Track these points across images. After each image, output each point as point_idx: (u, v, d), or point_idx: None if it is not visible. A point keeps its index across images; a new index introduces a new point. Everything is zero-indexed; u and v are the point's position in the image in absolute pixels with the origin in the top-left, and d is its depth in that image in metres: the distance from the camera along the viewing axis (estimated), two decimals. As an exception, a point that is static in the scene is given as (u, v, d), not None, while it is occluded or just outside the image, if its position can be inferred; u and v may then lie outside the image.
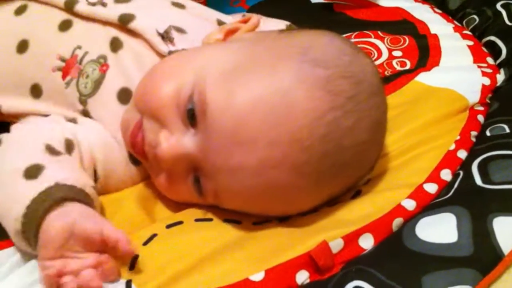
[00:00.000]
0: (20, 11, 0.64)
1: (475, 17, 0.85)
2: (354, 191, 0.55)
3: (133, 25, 0.61)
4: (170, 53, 0.59)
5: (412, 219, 0.51)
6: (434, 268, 0.45)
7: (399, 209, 0.52)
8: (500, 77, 0.72)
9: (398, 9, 0.88)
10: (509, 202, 0.51)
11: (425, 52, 0.77)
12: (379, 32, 0.81)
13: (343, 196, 0.54)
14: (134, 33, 0.61)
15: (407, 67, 0.74)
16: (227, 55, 0.51)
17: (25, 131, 0.55)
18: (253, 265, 0.47)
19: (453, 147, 0.59)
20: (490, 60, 0.76)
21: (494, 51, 0.78)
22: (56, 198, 0.47)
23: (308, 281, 0.47)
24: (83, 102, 0.59)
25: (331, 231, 0.49)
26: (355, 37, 0.81)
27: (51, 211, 0.47)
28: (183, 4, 0.66)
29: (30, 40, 0.62)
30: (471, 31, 0.84)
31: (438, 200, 0.53)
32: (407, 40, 0.79)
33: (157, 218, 0.55)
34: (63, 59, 0.60)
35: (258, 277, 0.46)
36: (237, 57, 0.51)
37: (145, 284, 0.46)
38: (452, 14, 0.88)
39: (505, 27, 0.80)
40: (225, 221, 0.52)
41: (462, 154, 0.59)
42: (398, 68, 0.74)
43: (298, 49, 0.50)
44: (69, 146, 0.55)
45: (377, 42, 0.79)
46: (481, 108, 0.66)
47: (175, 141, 0.50)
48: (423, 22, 0.84)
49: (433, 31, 0.81)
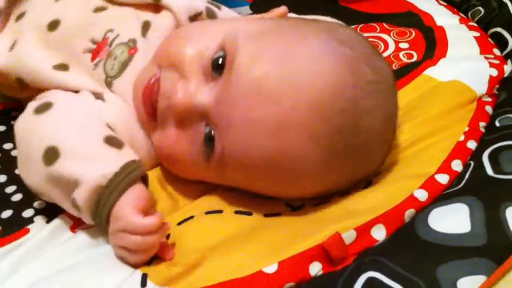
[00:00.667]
0: None
1: (480, 8, 0.84)
2: (365, 182, 0.55)
3: (165, 1, 0.62)
4: None
5: (424, 209, 0.51)
6: (449, 258, 0.45)
7: (411, 200, 0.52)
8: (508, 68, 0.71)
9: (403, 1, 0.88)
10: (521, 192, 0.51)
11: (432, 44, 0.76)
12: (385, 25, 0.81)
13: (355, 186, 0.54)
14: (164, 11, 0.62)
15: (414, 59, 0.74)
16: (257, 24, 0.54)
17: (77, 100, 0.56)
18: (266, 257, 0.47)
19: (462, 138, 0.59)
20: (496, 51, 0.75)
21: (501, 42, 0.77)
22: (142, 171, 0.50)
23: (321, 272, 0.47)
24: (108, 83, 0.59)
25: (344, 222, 0.49)
26: (360, 29, 0.81)
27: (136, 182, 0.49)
28: None
29: (62, 20, 0.62)
30: (476, 22, 0.83)
31: (449, 190, 0.53)
32: (413, 33, 0.79)
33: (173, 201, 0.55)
34: (94, 42, 0.60)
35: (271, 269, 0.46)
36: (266, 25, 0.53)
37: (158, 276, 0.46)
38: (457, 6, 0.88)
39: (511, 18, 0.79)
40: (236, 213, 0.52)
41: (472, 145, 0.59)
42: (405, 60, 0.74)
43: (326, 28, 0.52)
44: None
45: (383, 35, 0.79)
46: (489, 99, 0.66)
47: (193, 89, 0.50)
48: (428, 14, 0.83)
49: (439, 23, 0.81)
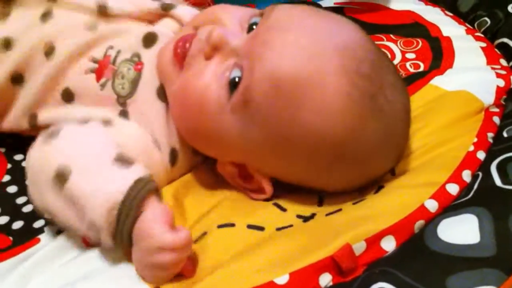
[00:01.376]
0: (45, 17, 0.62)
1: (486, 19, 0.84)
2: (377, 186, 0.56)
3: (175, 11, 0.63)
4: None
5: (433, 220, 0.51)
6: (458, 269, 0.45)
7: (421, 210, 0.52)
8: (514, 79, 0.72)
9: (409, 12, 0.88)
10: (530, 202, 0.51)
11: (439, 54, 0.77)
12: (391, 35, 0.81)
13: (366, 190, 0.55)
14: (167, 19, 0.63)
15: (421, 69, 0.74)
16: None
17: (93, 134, 0.55)
18: (278, 268, 0.47)
19: (472, 148, 0.59)
20: (503, 62, 0.75)
21: (507, 52, 0.77)
22: (155, 185, 0.50)
23: (331, 283, 0.47)
24: (122, 103, 0.58)
25: (354, 232, 0.49)
26: (367, 40, 0.81)
27: (151, 195, 0.49)
28: None
29: (57, 45, 0.60)
30: (483, 33, 0.83)
31: (458, 201, 0.53)
32: (420, 43, 0.79)
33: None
34: (95, 61, 0.60)
35: (282, 280, 0.46)
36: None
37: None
38: (463, 17, 0.88)
39: (518, 29, 0.80)
40: (249, 227, 0.52)
41: (481, 155, 0.59)
42: (412, 70, 0.74)
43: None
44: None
45: (390, 45, 0.79)
46: (496, 110, 0.66)
47: (229, 31, 0.54)
48: (435, 25, 0.84)
49: (445, 34, 0.81)
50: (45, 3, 0.63)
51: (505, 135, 0.61)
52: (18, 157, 0.66)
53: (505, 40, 0.79)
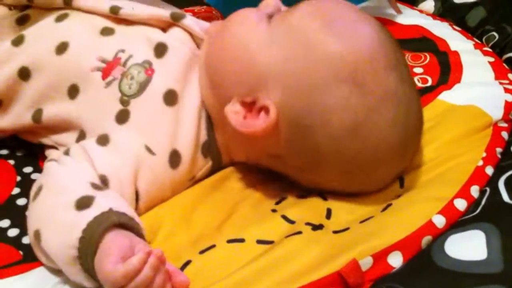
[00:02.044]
0: (60, 18, 0.66)
1: (494, 34, 0.85)
2: (385, 204, 0.56)
3: (184, 21, 0.64)
4: None
5: (441, 236, 0.51)
6: (465, 285, 0.45)
7: (429, 226, 0.52)
8: (522, 93, 0.72)
9: (417, 27, 0.88)
10: (537, 219, 0.51)
11: (446, 69, 0.77)
12: (399, 50, 0.82)
13: (375, 209, 0.56)
14: (177, 29, 0.65)
15: (429, 83, 0.74)
16: None
17: (63, 173, 0.56)
18: (286, 283, 0.47)
19: (481, 163, 0.60)
20: (511, 77, 0.76)
21: (515, 68, 0.78)
22: (112, 221, 0.49)
23: (338, 299, 0.47)
24: (124, 102, 0.60)
25: (361, 247, 0.50)
26: (375, 54, 0.81)
27: (107, 232, 0.48)
28: None
29: (70, 42, 0.63)
30: (491, 48, 0.83)
31: (466, 217, 0.53)
32: (427, 57, 0.80)
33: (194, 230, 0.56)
34: (103, 61, 0.62)
35: (290, 295, 0.46)
36: None
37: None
38: (472, 31, 0.88)
39: (526, 44, 0.80)
40: (258, 242, 0.52)
41: (490, 171, 0.59)
42: (420, 84, 0.74)
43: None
44: (104, 181, 0.55)
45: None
46: (505, 125, 0.66)
47: None
48: (443, 39, 0.84)
49: (453, 48, 0.81)
50: (60, 8, 0.67)
51: (512, 151, 0.62)
52: (27, 169, 0.67)
53: (512, 55, 0.79)
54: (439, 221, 0.52)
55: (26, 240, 0.56)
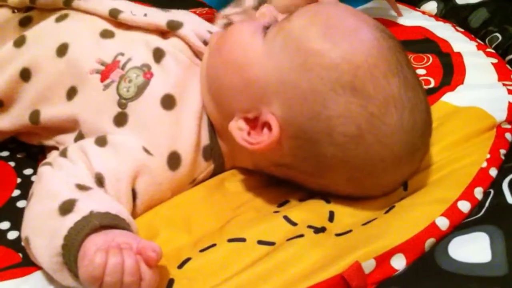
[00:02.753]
0: (60, 18, 0.66)
1: (497, 35, 0.84)
2: (388, 206, 0.55)
3: (181, 31, 0.64)
4: None
5: (444, 238, 0.51)
6: (470, 288, 0.45)
7: (432, 228, 0.52)
8: (526, 95, 0.71)
9: (419, 28, 0.88)
10: (542, 221, 0.51)
11: (449, 70, 0.76)
12: (402, 51, 0.81)
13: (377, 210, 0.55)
14: (176, 36, 0.64)
15: (432, 85, 0.74)
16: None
17: (53, 178, 0.55)
18: (287, 286, 0.47)
19: (485, 164, 0.59)
20: (515, 78, 0.75)
21: (518, 69, 0.77)
22: (93, 225, 0.48)
23: (340, 302, 0.47)
24: (122, 104, 0.60)
25: (364, 250, 0.49)
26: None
27: (88, 237, 0.48)
28: None
29: (70, 44, 0.64)
30: (494, 49, 0.83)
31: (470, 219, 0.53)
32: (430, 58, 0.79)
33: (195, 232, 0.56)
34: (103, 63, 0.62)
35: (291, 298, 0.46)
36: None
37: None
38: (474, 33, 0.88)
39: (529, 45, 0.80)
40: (259, 243, 0.52)
41: (494, 172, 0.59)
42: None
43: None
44: (99, 179, 0.55)
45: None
46: (509, 126, 0.65)
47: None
48: (445, 41, 0.83)
49: (456, 49, 0.81)
50: (62, 8, 0.67)
51: (517, 152, 0.61)
52: (27, 171, 0.67)
53: (516, 56, 0.79)
54: (443, 223, 0.52)
55: (26, 242, 0.56)
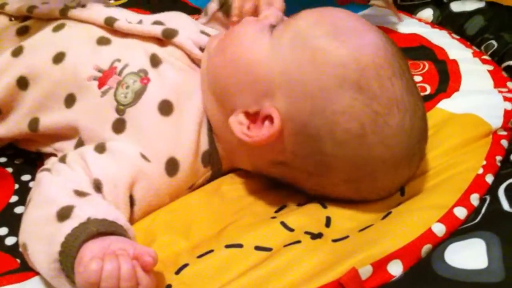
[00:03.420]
0: (57, 28, 0.67)
1: (493, 42, 0.85)
2: (385, 212, 0.56)
3: (176, 40, 0.64)
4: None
5: (441, 244, 0.51)
6: (466, 294, 0.45)
7: (429, 234, 0.52)
8: (521, 102, 0.72)
9: (415, 36, 0.89)
10: (538, 227, 0.51)
11: (445, 77, 0.77)
12: (398, 58, 0.82)
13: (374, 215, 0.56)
14: (172, 45, 0.64)
15: (427, 92, 0.75)
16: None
17: (52, 184, 0.55)
18: (285, 292, 0.47)
19: (481, 171, 0.59)
20: (510, 85, 0.76)
21: (514, 76, 0.78)
22: (90, 231, 0.48)
23: (337, 307, 0.47)
24: (120, 111, 0.60)
25: (360, 255, 0.49)
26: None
27: (85, 243, 0.48)
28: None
29: (67, 52, 0.64)
30: (490, 56, 0.84)
31: (466, 225, 0.53)
32: (426, 65, 0.80)
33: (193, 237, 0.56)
34: (100, 70, 0.62)
35: (289, 303, 0.46)
36: None
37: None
38: (470, 40, 0.89)
39: (524, 52, 0.80)
40: (256, 248, 0.52)
41: (490, 179, 0.59)
42: (419, 93, 0.74)
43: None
44: (97, 185, 0.55)
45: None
46: (504, 133, 0.66)
47: None
48: (441, 48, 0.84)
49: (452, 57, 0.82)
50: (58, 18, 0.68)
51: (512, 158, 0.61)
52: (25, 177, 0.67)
53: (511, 63, 0.79)
54: (439, 229, 0.52)
55: (24, 248, 0.56)
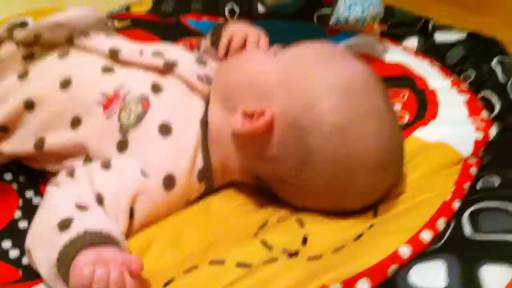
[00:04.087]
0: (63, 55, 0.73)
1: (472, 72, 0.90)
2: (359, 232, 0.61)
3: (176, 70, 0.70)
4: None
5: (406, 265, 0.55)
6: (425, 312, 0.50)
7: (395, 255, 0.56)
8: (493, 131, 0.77)
9: (398, 65, 0.94)
10: (495, 252, 0.55)
11: (423, 106, 0.82)
12: (380, 86, 0.87)
13: (348, 236, 0.61)
14: (172, 75, 0.70)
15: (406, 120, 0.80)
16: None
17: (57, 196, 0.61)
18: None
19: (449, 197, 0.64)
20: (484, 114, 0.81)
21: (489, 105, 0.83)
22: (85, 242, 0.54)
23: (309, 323, 0.52)
24: (123, 132, 0.66)
25: (331, 274, 0.54)
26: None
27: (79, 252, 0.53)
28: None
29: (73, 78, 0.69)
30: (468, 85, 0.89)
31: (430, 248, 0.58)
32: (406, 94, 0.85)
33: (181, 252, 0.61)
34: (105, 95, 0.68)
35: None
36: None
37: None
38: (451, 68, 0.94)
39: (499, 83, 0.85)
40: (238, 265, 0.57)
41: (457, 205, 0.64)
42: (398, 121, 0.79)
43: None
44: (100, 199, 0.61)
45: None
46: (474, 161, 0.71)
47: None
48: (422, 77, 0.89)
49: (431, 86, 0.87)
50: (64, 45, 0.74)
51: (479, 186, 0.66)
52: (29, 194, 0.72)
53: (487, 93, 0.85)
54: (405, 251, 0.57)
55: (26, 260, 0.61)
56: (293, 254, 0.58)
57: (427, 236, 0.59)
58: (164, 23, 1.19)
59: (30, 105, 0.70)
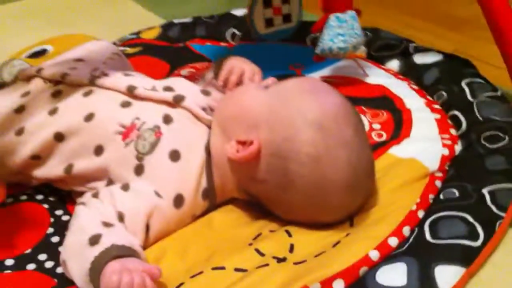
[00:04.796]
0: (87, 94, 0.84)
1: (443, 92, 1.00)
2: (336, 240, 0.72)
3: (184, 103, 0.82)
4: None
5: (374, 267, 0.67)
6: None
7: (366, 259, 0.68)
8: (458, 147, 0.88)
9: (380, 86, 1.04)
10: (448, 254, 0.67)
11: (399, 125, 0.92)
12: (362, 107, 0.97)
13: (328, 244, 0.72)
14: (181, 107, 0.82)
15: (383, 138, 0.90)
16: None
17: (85, 215, 0.73)
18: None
19: (414, 207, 0.76)
20: (453, 131, 0.91)
21: (457, 123, 0.93)
22: (112, 254, 0.65)
23: (291, 318, 0.63)
24: (139, 158, 0.77)
25: (312, 276, 0.65)
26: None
27: (108, 263, 0.65)
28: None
29: (96, 113, 0.81)
30: (441, 105, 0.99)
31: (396, 252, 0.69)
32: (384, 114, 0.95)
33: (188, 261, 0.71)
34: (123, 126, 0.79)
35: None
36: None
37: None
38: (426, 89, 1.04)
39: (467, 102, 0.95)
40: (236, 270, 0.68)
41: (421, 214, 0.75)
42: (376, 139, 0.90)
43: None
44: (121, 217, 0.72)
45: (361, 116, 0.95)
46: (440, 175, 0.82)
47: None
48: (400, 98, 0.99)
49: (407, 106, 0.97)
50: (88, 85, 0.85)
51: (441, 197, 0.77)
52: (58, 212, 0.83)
53: (456, 112, 0.95)
54: (374, 255, 0.68)
55: (60, 270, 0.72)
56: (281, 260, 0.70)
57: (393, 242, 0.71)
58: (172, 47, 1.29)
59: (60, 137, 0.81)
